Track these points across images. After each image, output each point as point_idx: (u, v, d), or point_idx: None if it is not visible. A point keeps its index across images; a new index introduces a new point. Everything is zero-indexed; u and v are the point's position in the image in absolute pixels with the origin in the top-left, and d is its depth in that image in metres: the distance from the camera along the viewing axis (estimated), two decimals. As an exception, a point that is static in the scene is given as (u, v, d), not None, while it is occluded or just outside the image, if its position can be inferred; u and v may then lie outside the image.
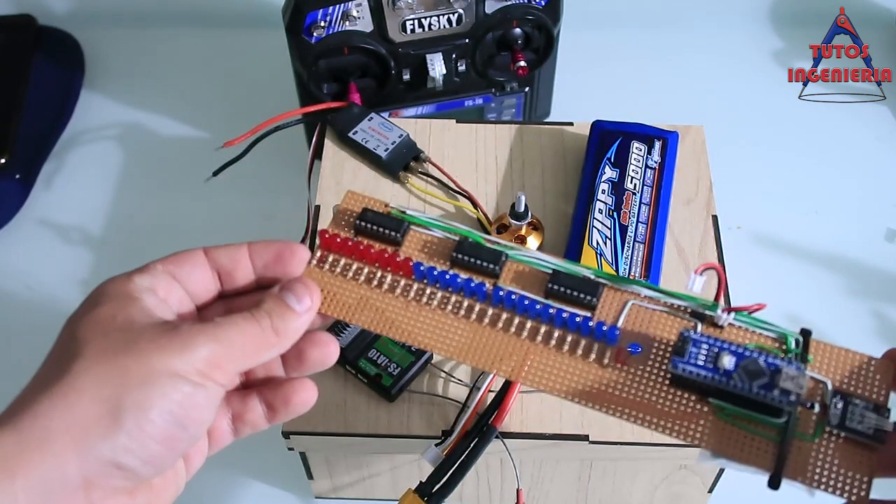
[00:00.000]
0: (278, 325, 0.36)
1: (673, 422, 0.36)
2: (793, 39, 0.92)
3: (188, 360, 0.33)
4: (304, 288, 0.38)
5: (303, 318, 0.37)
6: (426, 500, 0.47)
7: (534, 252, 0.41)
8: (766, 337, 0.37)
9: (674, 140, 0.63)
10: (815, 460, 0.34)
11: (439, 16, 0.69)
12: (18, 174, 0.80)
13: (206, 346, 0.34)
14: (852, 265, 0.75)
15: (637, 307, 0.39)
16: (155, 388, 0.32)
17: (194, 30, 0.94)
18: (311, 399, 0.40)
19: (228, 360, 0.35)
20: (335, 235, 0.41)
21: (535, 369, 0.38)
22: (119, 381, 0.32)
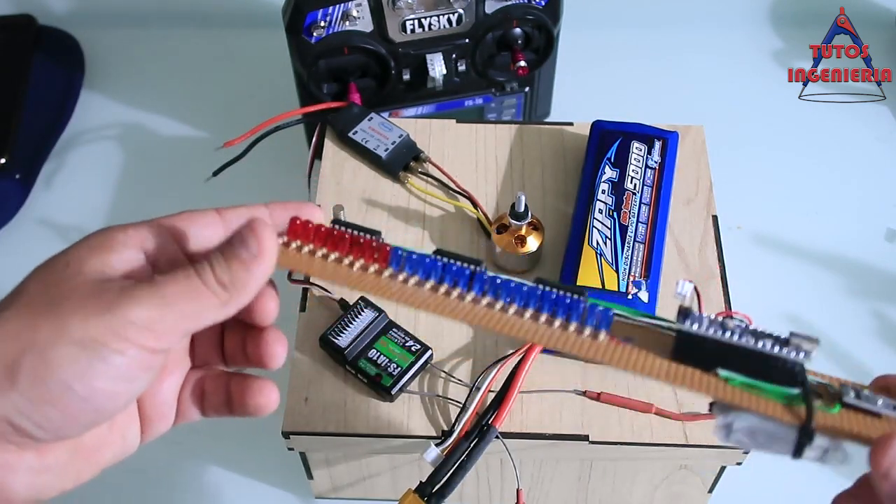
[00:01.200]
0: (223, 277, 0.32)
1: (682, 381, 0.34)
2: (793, 39, 0.92)
3: (107, 324, 0.30)
4: (251, 232, 0.32)
5: (253, 271, 0.32)
6: (426, 500, 0.47)
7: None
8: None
9: (674, 140, 0.63)
10: (840, 422, 0.33)
11: (439, 16, 0.69)
12: (18, 174, 0.80)
13: (137, 307, 0.31)
14: (852, 265, 0.75)
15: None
16: (57, 354, 0.30)
17: (194, 30, 0.94)
18: (268, 404, 0.37)
19: (164, 321, 0.31)
20: (306, 223, 0.36)
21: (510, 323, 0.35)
22: (26, 339, 0.30)
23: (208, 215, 0.35)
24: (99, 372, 0.31)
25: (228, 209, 0.36)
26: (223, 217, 0.35)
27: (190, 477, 0.65)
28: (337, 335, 0.54)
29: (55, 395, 0.30)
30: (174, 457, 0.66)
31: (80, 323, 0.30)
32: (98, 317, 0.30)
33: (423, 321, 0.57)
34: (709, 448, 0.52)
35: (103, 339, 0.30)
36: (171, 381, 0.37)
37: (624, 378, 0.54)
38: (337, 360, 0.55)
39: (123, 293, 0.31)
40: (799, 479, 0.61)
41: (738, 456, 0.53)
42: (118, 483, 0.63)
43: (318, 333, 0.55)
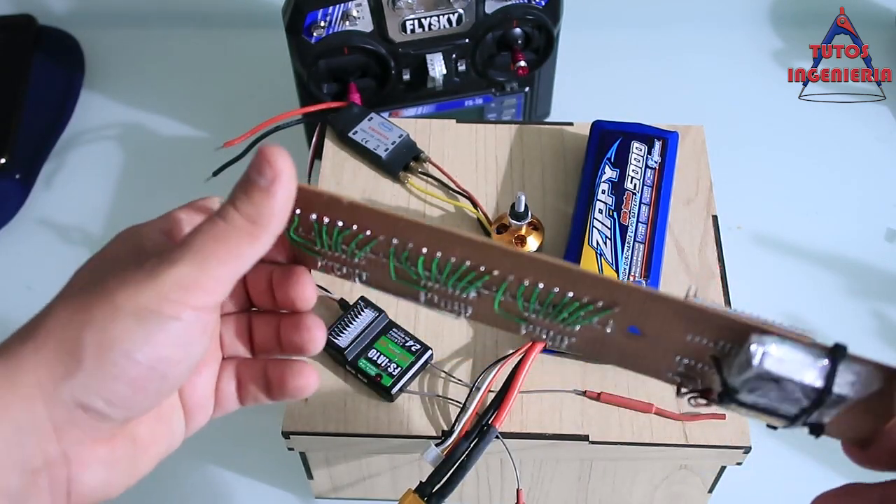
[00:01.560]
0: (249, 211, 0.32)
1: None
2: (793, 39, 0.92)
3: (155, 290, 0.30)
4: (264, 158, 0.32)
5: (275, 194, 0.32)
6: (426, 500, 0.47)
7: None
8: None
9: (674, 140, 0.63)
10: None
11: (439, 16, 0.69)
12: (18, 174, 0.80)
13: (174, 269, 0.31)
14: (852, 265, 0.75)
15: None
16: (115, 328, 0.30)
17: (194, 30, 0.94)
18: (308, 385, 0.37)
19: (204, 276, 0.31)
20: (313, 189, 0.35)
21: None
22: (81, 320, 0.30)
23: (213, 200, 0.36)
24: (159, 340, 0.31)
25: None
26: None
27: (190, 477, 0.65)
28: (337, 335, 0.54)
29: (121, 368, 0.30)
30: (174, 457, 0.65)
31: (131, 295, 0.30)
32: (145, 285, 0.30)
33: (423, 321, 0.57)
34: (709, 448, 0.52)
35: (156, 306, 0.30)
36: (206, 372, 0.37)
37: (624, 378, 0.54)
38: (337, 360, 0.55)
39: (162, 259, 0.31)
40: (799, 480, 0.61)
41: (738, 456, 0.53)
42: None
43: (318, 333, 0.55)
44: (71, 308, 0.31)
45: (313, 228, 0.36)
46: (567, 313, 0.35)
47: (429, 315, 0.57)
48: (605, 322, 0.35)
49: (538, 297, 0.35)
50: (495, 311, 0.36)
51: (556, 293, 0.35)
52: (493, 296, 0.36)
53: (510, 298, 0.35)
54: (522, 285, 0.35)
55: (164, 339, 0.31)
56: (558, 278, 0.34)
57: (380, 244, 0.36)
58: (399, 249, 0.35)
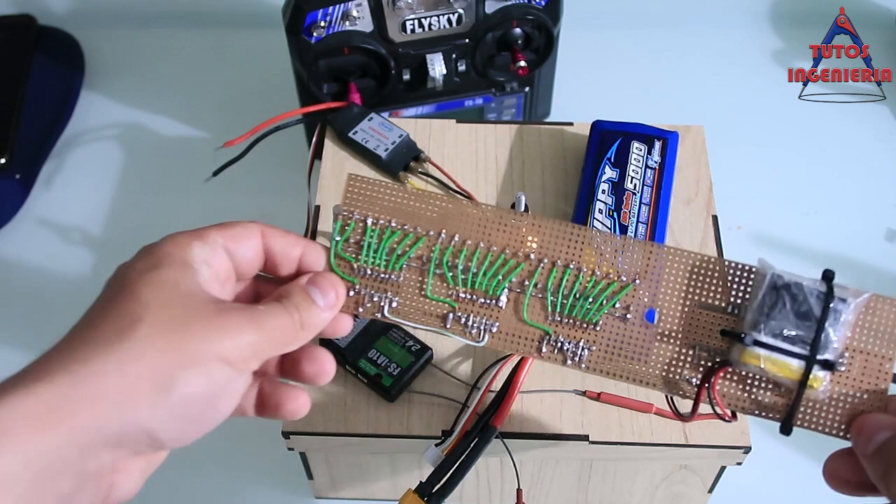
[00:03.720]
0: (305, 318, 0.37)
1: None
2: (793, 39, 0.92)
3: (235, 345, 0.34)
4: (330, 284, 0.39)
5: (325, 314, 0.39)
6: (426, 500, 0.47)
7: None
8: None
9: (674, 140, 0.63)
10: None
11: (439, 16, 0.69)
12: (18, 174, 0.80)
13: (251, 333, 0.35)
14: (852, 265, 0.75)
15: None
16: (204, 371, 0.33)
17: (194, 30, 0.94)
18: (302, 411, 0.40)
19: (265, 348, 0.36)
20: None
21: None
22: (174, 357, 0.33)
23: (253, 234, 0.39)
24: (233, 389, 0.35)
25: (271, 230, 0.39)
26: (265, 236, 0.39)
27: (190, 477, 0.65)
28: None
29: (198, 408, 0.34)
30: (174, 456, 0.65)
31: (217, 343, 0.34)
32: (229, 339, 0.34)
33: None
34: (709, 448, 0.52)
35: (232, 360, 0.34)
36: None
37: (624, 378, 0.54)
38: (337, 360, 0.54)
39: (242, 318, 0.35)
40: (799, 480, 0.62)
41: (738, 456, 0.53)
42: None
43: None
44: (162, 342, 0.33)
45: (364, 234, 0.41)
46: (592, 298, 0.40)
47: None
48: (625, 306, 0.39)
49: (566, 285, 0.40)
50: (524, 317, 0.40)
51: (584, 274, 0.40)
52: (523, 296, 0.40)
53: (539, 296, 0.40)
54: (554, 270, 0.40)
55: (233, 388, 0.35)
56: (589, 250, 0.40)
57: (428, 242, 0.41)
58: (444, 245, 0.41)
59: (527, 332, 0.41)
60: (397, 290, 0.41)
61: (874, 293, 0.38)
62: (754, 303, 0.38)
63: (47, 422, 0.31)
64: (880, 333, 0.38)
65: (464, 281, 0.41)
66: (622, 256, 0.40)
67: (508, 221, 0.41)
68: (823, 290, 0.38)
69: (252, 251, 0.39)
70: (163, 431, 0.33)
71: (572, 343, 0.40)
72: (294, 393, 0.40)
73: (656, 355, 0.40)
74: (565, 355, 0.40)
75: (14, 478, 0.30)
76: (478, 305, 0.41)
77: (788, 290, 0.38)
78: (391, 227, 0.41)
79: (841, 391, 0.38)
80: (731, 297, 0.39)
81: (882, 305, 0.38)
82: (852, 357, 0.38)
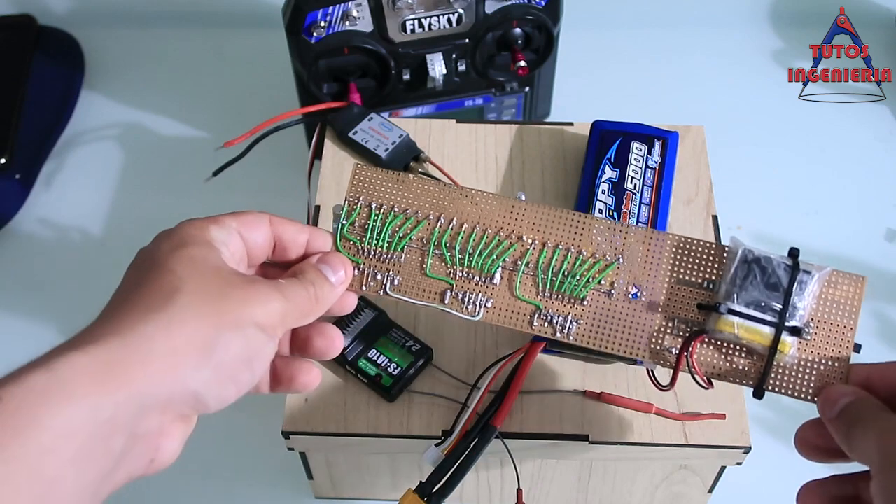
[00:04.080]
0: (318, 293, 0.40)
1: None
2: (793, 39, 0.92)
3: (266, 312, 0.37)
4: (340, 262, 0.42)
5: (337, 289, 0.42)
6: (426, 500, 0.47)
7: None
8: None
9: (674, 140, 0.63)
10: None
11: (439, 16, 0.69)
12: (18, 174, 0.80)
13: (278, 301, 0.38)
14: (852, 265, 0.75)
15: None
16: (242, 334, 0.36)
17: (194, 30, 0.94)
18: (314, 383, 0.42)
19: (290, 316, 0.39)
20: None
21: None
22: (215, 321, 0.35)
23: (263, 221, 0.41)
24: (266, 354, 0.37)
25: (279, 218, 0.42)
26: (273, 224, 0.42)
27: (190, 477, 0.65)
28: (337, 335, 0.54)
29: (238, 372, 0.36)
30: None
31: (251, 310, 0.36)
32: (261, 306, 0.37)
33: (423, 321, 0.57)
34: (709, 448, 0.52)
35: (264, 326, 0.37)
36: None
37: (624, 378, 0.54)
38: (337, 360, 0.55)
39: (270, 288, 0.38)
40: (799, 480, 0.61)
41: (738, 456, 0.53)
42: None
43: (318, 333, 0.55)
44: (203, 307, 0.35)
45: (369, 218, 0.45)
46: (579, 275, 0.44)
47: (429, 315, 0.57)
48: (609, 283, 0.43)
49: (555, 264, 0.44)
50: (516, 293, 0.44)
51: (572, 253, 0.44)
52: (515, 275, 0.44)
53: (530, 275, 0.44)
54: (544, 251, 0.44)
55: (265, 351, 0.37)
56: (577, 233, 0.44)
57: (428, 225, 0.45)
58: (443, 228, 0.45)
59: (519, 307, 0.44)
60: (399, 269, 0.45)
61: (834, 269, 0.42)
62: (727, 276, 0.42)
63: (106, 380, 0.32)
64: (841, 305, 0.42)
65: (461, 261, 0.45)
66: (606, 238, 0.44)
67: (502, 206, 0.45)
68: (790, 264, 0.42)
69: (262, 237, 0.41)
70: (206, 392, 0.35)
71: (561, 317, 0.44)
72: (306, 366, 0.42)
73: (639, 328, 0.43)
74: (555, 328, 0.44)
75: (74, 433, 0.31)
76: (474, 283, 0.44)
77: (758, 264, 0.42)
78: (394, 212, 0.45)
79: (808, 358, 0.41)
80: (706, 274, 0.43)
81: (842, 280, 0.42)
82: (817, 327, 0.42)
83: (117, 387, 0.32)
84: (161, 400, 0.34)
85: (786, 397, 0.42)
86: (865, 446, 0.36)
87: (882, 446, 0.36)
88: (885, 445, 0.35)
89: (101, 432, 0.31)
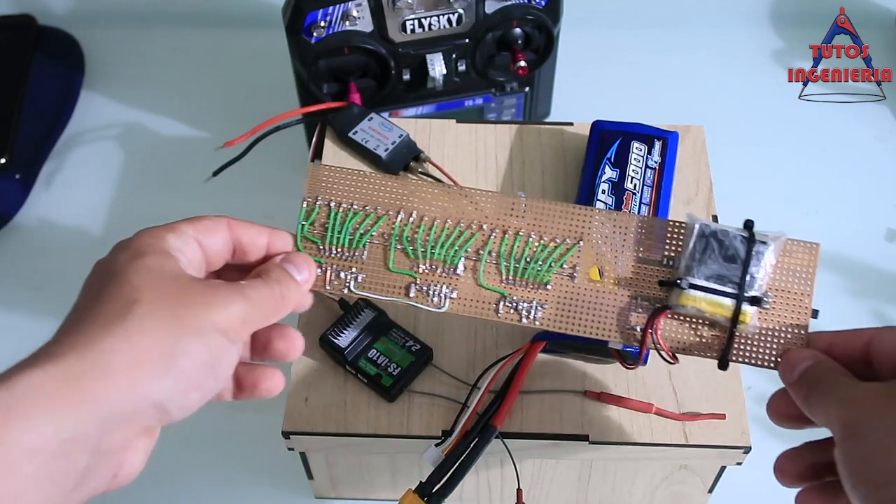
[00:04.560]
0: (284, 292, 0.40)
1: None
2: (793, 39, 0.92)
3: (227, 316, 0.36)
4: (304, 261, 0.42)
5: (302, 288, 0.42)
6: (426, 500, 0.47)
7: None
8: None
9: (674, 140, 0.63)
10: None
11: (439, 16, 0.69)
12: (18, 174, 0.80)
13: (239, 304, 0.37)
14: (852, 265, 0.75)
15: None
16: (204, 340, 0.35)
17: (194, 30, 0.94)
18: (278, 388, 0.42)
19: (253, 318, 0.38)
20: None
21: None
22: (175, 329, 0.35)
23: (220, 226, 0.41)
24: (230, 359, 0.37)
25: (238, 222, 0.42)
26: (232, 228, 0.41)
27: (190, 477, 0.65)
28: (337, 335, 0.54)
29: (202, 379, 0.36)
30: (174, 457, 0.66)
31: (211, 315, 0.36)
32: (221, 311, 0.36)
33: (423, 321, 0.57)
34: (709, 448, 0.52)
35: (226, 330, 0.36)
36: None
37: (624, 378, 0.54)
38: (337, 360, 0.55)
39: (230, 291, 0.37)
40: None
41: (738, 456, 0.53)
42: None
43: (318, 333, 0.55)
44: (163, 316, 0.35)
45: (329, 217, 0.45)
46: (541, 261, 0.44)
47: (429, 315, 0.56)
48: (572, 266, 0.44)
49: (517, 251, 0.44)
50: (480, 282, 0.44)
51: (533, 240, 0.44)
52: (478, 264, 0.44)
53: (493, 263, 0.44)
54: (505, 238, 0.44)
55: (228, 357, 0.37)
56: (537, 219, 0.45)
57: (388, 220, 0.45)
58: (403, 222, 0.45)
59: (484, 295, 0.45)
60: (361, 266, 0.45)
61: (789, 238, 0.43)
62: (686, 251, 0.43)
63: (67, 397, 0.31)
64: (798, 273, 0.43)
65: (423, 253, 0.45)
66: (566, 222, 0.45)
67: (459, 197, 0.45)
68: (746, 236, 0.43)
69: (220, 242, 0.41)
70: (170, 402, 0.34)
71: (526, 303, 0.44)
72: (269, 372, 0.42)
73: (603, 309, 0.44)
74: (520, 314, 0.44)
75: (35, 451, 0.30)
76: (437, 275, 0.45)
77: (715, 237, 0.43)
78: (353, 209, 0.45)
79: (768, 327, 0.42)
80: (666, 251, 0.44)
81: (797, 248, 0.44)
82: (776, 295, 0.43)
83: (79, 403, 0.32)
84: (124, 414, 0.33)
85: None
86: (825, 412, 0.37)
87: (841, 414, 0.36)
88: (844, 413, 0.36)
89: (63, 450, 0.31)
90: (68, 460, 0.31)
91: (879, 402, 0.35)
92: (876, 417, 0.34)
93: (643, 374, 0.54)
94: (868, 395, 0.36)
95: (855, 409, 0.36)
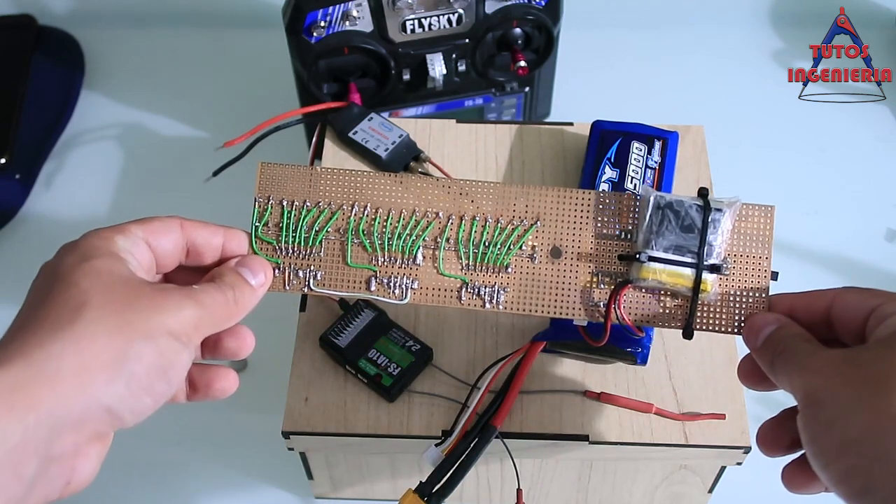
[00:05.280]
0: (238, 297, 0.40)
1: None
2: (793, 39, 0.92)
3: (178, 320, 0.36)
4: (259, 265, 0.42)
5: (257, 292, 0.41)
6: (426, 500, 0.47)
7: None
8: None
9: (674, 140, 0.63)
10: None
11: (439, 16, 0.69)
12: (18, 174, 0.80)
13: (191, 308, 0.37)
14: (852, 265, 0.75)
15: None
16: (154, 344, 0.35)
17: (194, 30, 0.94)
18: (232, 388, 0.42)
19: (206, 323, 0.38)
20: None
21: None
22: (125, 333, 0.34)
23: (171, 227, 0.40)
24: (182, 362, 0.36)
25: (191, 222, 0.41)
26: (185, 228, 0.41)
27: (190, 477, 0.65)
28: (337, 335, 0.54)
29: (153, 383, 0.35)
30: (174, 457, 0.66)
31: (163, 319, 0.35)
32: (173, 315, 0.36)
33: (423, 321, 0.57)
34: (709, 448, 0.52)
35: (177, 334, 0.36)
36: None
37: (624, 378, 0.54)
38: (337, 360, 0.55)
39: (182, 295, 0.37)
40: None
41: (738, 456, 0.53)
42: (119, 483, 0.63)
43: (318, 333, 0.55)
44: (112, 319, 0.34)
45: (282, 216, 0.44)
46: (500, 244, 0.44)
47: (429, 315, 0.57)
48: (531, 247, 0.44)
49: (475, 236, 0.44)
50: (440, 271, 0.44)
51: (490, 224, 0.44)
52: (437, 252, 0.44)
53: (452, 250, 0.44)
54: (462, 224, 0.44)
55: (180, 360, 0.36)
56: (492, 200, 0.44)
57: (343, 215, 0.44)
58: (358, 216, 0.44)
59: (445, 283, 0.44)
60: (319, 263, 0.45)
61: (744, 202, 0.44)
62: (643, 224, 0.43)
63: (13, 404, 0.31)
64: (754, 237, 0.44)
65: (381, 246, 0.45)
66: (521, 203, 0.45)
67: (410, 186, 0.45)
68: (701, 204, 0.43)
69: (171, 244, 0.40)
70: (120, 406, 0.34)
71: (488, 287, 0.44)
72: (222, 372, 0.41)
73: (565, 287, 0.44)
74: (483, 300, 0.44)
75: None
76: (397, 266, 0.45)
77: (671, 208, 0.43)
78: (306, 207, 0.45)
79: (730, 292, 0.43)
80: (623, 225, 0.44)
81: (753, 212, 0.44)
82: (735, 261, 0.43)
83: (26, 410, 0.31)
84: (73, 419, 0.33)
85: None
86: (788, 379, 0.37)
87: (803, 382, 0.36)
88: (805, 381, 0.36)
89: (11, 458, 0.31)
90: (17, 468, 0.31)
91: (840, 370, 0.35)
92: (836, 385, 0.34)
93: (643, 374, 0.54)
94: (829, 362, 0.36)
95: (816, 377, 0.35)
